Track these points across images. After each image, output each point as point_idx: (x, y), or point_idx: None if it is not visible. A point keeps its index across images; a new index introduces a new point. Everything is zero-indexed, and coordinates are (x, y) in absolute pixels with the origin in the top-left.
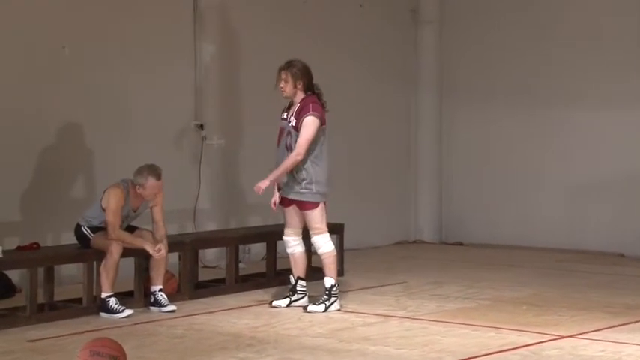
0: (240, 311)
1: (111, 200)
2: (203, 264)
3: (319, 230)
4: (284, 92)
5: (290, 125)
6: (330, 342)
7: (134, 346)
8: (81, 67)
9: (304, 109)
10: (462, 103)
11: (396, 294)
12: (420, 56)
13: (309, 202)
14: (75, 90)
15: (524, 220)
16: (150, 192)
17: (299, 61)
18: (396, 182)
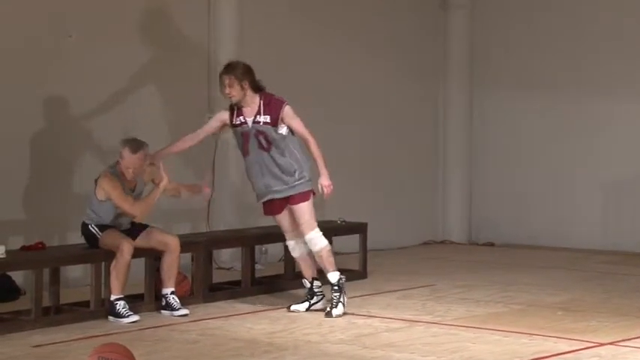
0: (256, 316)
1: (106, 188)
2: (217, 265)
3: (311, 225)
4: (232, 97)
5: (260, 124)
6: (353, 349)
7: (144, 352)
8: (88, 56)
9: (272, 102)
10: (494, 94)
11: (423, 298)
12: (449, 43)
13: (302, 192)
14: (82, 82)
15: (560, 220)
16: (127, 165)
17: (238, 62)
18: (422, 178)
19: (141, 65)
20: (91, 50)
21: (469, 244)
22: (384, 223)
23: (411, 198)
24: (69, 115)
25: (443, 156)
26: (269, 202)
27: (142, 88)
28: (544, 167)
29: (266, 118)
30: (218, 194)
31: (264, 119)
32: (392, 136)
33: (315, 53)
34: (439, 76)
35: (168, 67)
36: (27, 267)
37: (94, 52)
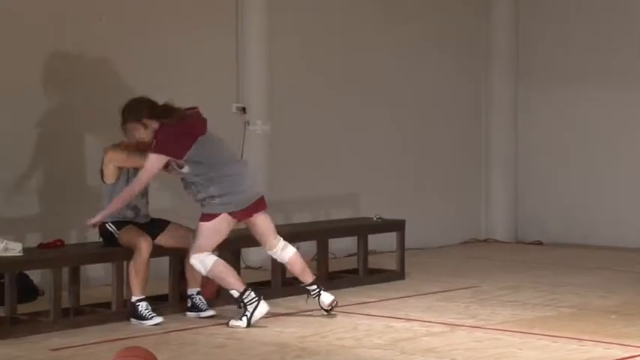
0: (286, 318)
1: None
2: (246, 265)
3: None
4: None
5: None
6: (390, 354)
7: (169, 356)
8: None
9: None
10: (541, 86)
11: (465, 300)
12: (493, 33)
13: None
14: (104, 72)
15: (612, 218)
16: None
17: (126, 105)
18: (464, 173)
19: (169, 55)
20: (120, 38)
21: (515, 242)
22: (423, 220)
23: (452, 194)
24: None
25: (486, 150)
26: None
27: (169, 79)
28: (594, 163)
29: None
30: None
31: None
32: (432, 130)
33: (353, 44)
34: (482, 65)
35: (198, 57)
36: (45, 266)
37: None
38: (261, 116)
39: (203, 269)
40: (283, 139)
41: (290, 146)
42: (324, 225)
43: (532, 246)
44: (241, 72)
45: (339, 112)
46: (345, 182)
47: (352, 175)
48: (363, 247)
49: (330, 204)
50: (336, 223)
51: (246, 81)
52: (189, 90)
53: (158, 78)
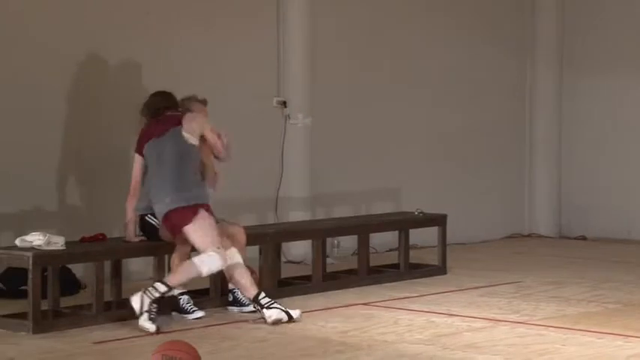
0: (328, 313)
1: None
2: (287, 259)
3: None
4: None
5: None
6: (432, 349)
7: (210, 350)
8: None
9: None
10: (586, 75)
11: (508, 295)
12: (537, 21)
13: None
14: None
15: None
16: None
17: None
18: (507, 167)
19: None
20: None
21: (558, 237)
22: (465, 214)
23: (495, 187)
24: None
25: (529, 142)
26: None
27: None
28: None
29: None
30: (287, 184)
31: None
32: (476, 123)
33: (395, 36)
34: (527, 54)
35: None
36: (87, 259)
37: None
38: (302, 110)
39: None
40: (324, 133)
41: (331, 140)
42: (365, 219)
43: (576, 241)
44: (282, 66)
45: (380, 106)
46: (387, 176)
47: (394, 169)
48: (404, 241)
49: (371, 198)
50: (378, 217)
51: (287, 75)
52: (230, 84)
53: (199, 73)
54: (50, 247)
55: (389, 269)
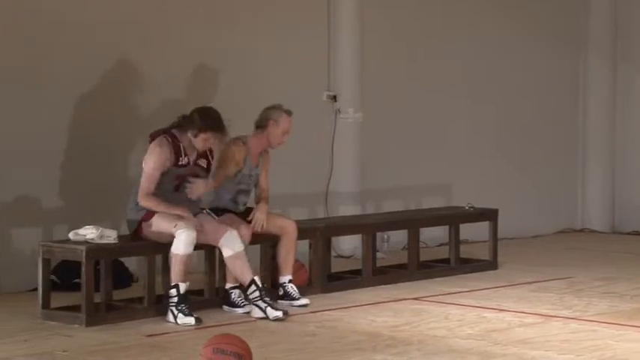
0: (378, 307)
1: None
2: (336, 253)
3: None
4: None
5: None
6: (483, 345)
7: (260, 344)
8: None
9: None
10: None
11: (560, 291)
12: (591, 16)
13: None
14: (195, 55)
15: None
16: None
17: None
18: (559, 162)
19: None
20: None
21: (611, 232)
22: (517, 209)
23: (546, 182)
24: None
25: (582, 137)
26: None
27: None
28: None
29: (204, 164)
30: (337, 178)
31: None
32: (527, 117)
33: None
34: (580, 49)
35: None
36: (139, 253)
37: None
38: (353, 104)
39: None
40: (375, 128)
41: (381, 135)
42: (415, 214)
43: (629, 236)
44: (333, 60)
45: (431, 100)
46: (437, 171)
47: (444, 163)
48: (454, 236)
49: (421, 193)
50: (428, 212)
51: (338, 69)
52: (280, 78)
53: (250, 67)
54: (103, 241)
55: (439, 264)
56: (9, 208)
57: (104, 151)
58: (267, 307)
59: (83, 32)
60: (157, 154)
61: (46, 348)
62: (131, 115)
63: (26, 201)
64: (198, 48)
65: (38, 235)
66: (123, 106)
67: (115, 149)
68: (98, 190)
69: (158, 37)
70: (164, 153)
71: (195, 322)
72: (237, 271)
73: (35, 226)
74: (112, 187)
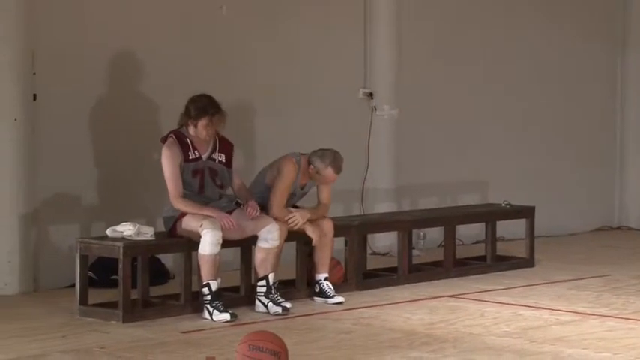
0: (414, 305)
1: (283, 175)
2: (372, 250)
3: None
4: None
5: (216, 162)
6: (519, 342)
7: (296, 341)
8: (241, 30)
9: (226, 141)
10: None
11: (597, 289)
12: (629, 10)
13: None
14: (231, 53)
15: None
16: (323, 181)
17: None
18: (597, 159)
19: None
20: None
21: None
22: (553, 206)
23: (583, 179)
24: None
25: (620, 134)
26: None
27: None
28: None
29: (223, 158)
30: (373, 175)
31: (222, 158)
32: (564, 115)
33: (482, 28)
34: (618, 44)
35: (326, 42)
36: (176, 250)
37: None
38: (389, 101)
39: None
40: (411, 125)
41: (417, 131)
42: (452, 211)
43: None
44: (369, 57)
45: (467, 97)
46: (474, 168)
47: (480, 160)
48: (491, 233)
49: (457, 190)
50: (464, 209)
51: (374, 66)
52: (317, 76)
53: (286, 65)
54: (140, 238)
55: (475, 261)
56: (47, 205)
57: (142, 148)
58: (269, 302)
59: (116, 32)
60: (168, 155)
61: (84, 344)
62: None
63: (64, 198)
64: (236, 47)
65: (76, 232)
66: (160, 104)
67: (152, 147)
68: (135, 188)
69: (194, 36)
70: (173, 152)
71: (230, 318)
72: (258, 262)
73: (73, 223)
74: (148, 184)
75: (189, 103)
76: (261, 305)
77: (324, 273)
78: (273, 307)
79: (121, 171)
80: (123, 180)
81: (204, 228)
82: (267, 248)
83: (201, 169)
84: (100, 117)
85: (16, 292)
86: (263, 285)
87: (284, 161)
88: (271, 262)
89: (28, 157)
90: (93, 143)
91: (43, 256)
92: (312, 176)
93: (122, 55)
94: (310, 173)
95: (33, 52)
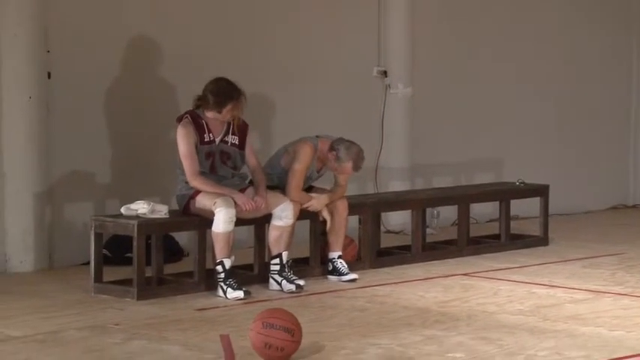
0: (427, 283)
1: (300, 159)
2: (386, 229)
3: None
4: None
5: (228, 144)
6: (533, 320)
7: (310, 319)
8: (253, 8)
9: (241, 122)
10: None
11: (612, 267)
12: None
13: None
14: (246, 33)
15: None
16: (338, 169)
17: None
18: (611, 137)
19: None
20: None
21: None
22: (568, 185)
23: (598, 158)
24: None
25: (635, 111)
26: None
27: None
28: None
29: (236, 141)
30: (387, 154)
31: (235, 141)
32: (578, 92)
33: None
34: (633, 27)
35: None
36: (190, 228)
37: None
38: (403, 80)
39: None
40: (425, 103)
41: (431, 110)
42: (466, 189)
43: None
44: (382, 35)
45: (480, 76)
46: (488, 146)
47: (495, 138)
48: (505, 212)
49: (471, 169)
50: (478, 187)
51: (388, 44)
52: (331, 54)
53: (299, 43)
54: (154, 216)
55: (489, 240)
56: (62, 183)
57: (157, 127)
58: (283, 280)
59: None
60: (184, 134)
61: (98, 321)
62: (182, 91)
63: (79, 176)
64: (251, 27)
65: (90, 210)
66: (174, 82)
67: (167, 126)
68: (149, 166)
69: (209, 16)
70: (189, 131)
71: (244, 295)
72: (272, 240)
73: (88, 201)
74: (162, 162)
75: (210, 91)
76: (274, 283)
77: (337, 251)
78: (286, 285)
79: (136, 149)
80: (137, 158)
81: (217, 206)
82: (282, 226)
83: (214, 152)
84: (115, 95)
85: (31, 270)
86: (277, 263)
87: (301, 144)
88: (285, 240)
89: (42, 136)
90: (107, 121)
91: (58, 234)
92: (329, 161)
93: (137, 33)
94: (329, 158)
95: (47, 29)
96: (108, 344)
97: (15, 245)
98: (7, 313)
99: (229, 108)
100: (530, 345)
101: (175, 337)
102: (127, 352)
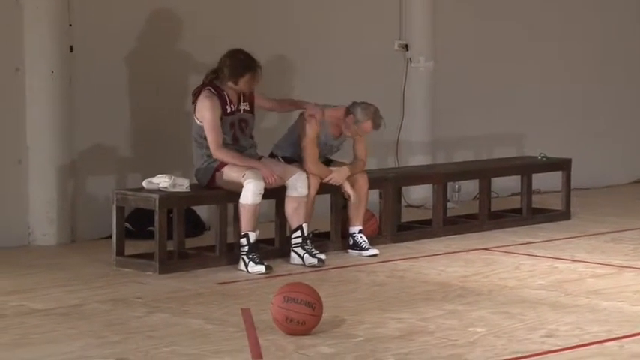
0: (448, 257)
1: (306, 130)
2: (407, 203)
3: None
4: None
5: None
6: (554, 295)
7: (330, 293)
8: None
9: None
10: None
11: (634, 241)
12: None
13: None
14: (267, 7)
15: None
16: (358, 131)
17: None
18: (634, 111)
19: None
20: None
21: None
22: (590, 159)
23: (620, 132)
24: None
25: None
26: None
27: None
28: None
29: (248, 107)
30: (408, 128)
31: (248, 107)
32: (600, 66)
33: None
34: None
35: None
36: (211, 202)
37: None
38: (424, 53)
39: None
40: (446, 77)
41: (453, 84)
42: (487, 164)
43: None
44: (404, 8)
45: (503, 49)
46: (509, 120)
47: (517, 112)
48: (527, 186)
49: (493, 142)
50: (499, 161)
51: (409, 17)
52: (353, 28)
53: (321, 18)
54: (176, 190)
55: (511, 214)
56: (84, 157)
57: (178, 101)
58: (305, 253)
59: None
60: (209, 106)
61: (120, 294)
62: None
63: (101, 150)
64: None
65: (112, 184)
66: (196, 58)
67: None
68: (171, 140)
69: None
70: (214, 103)
71: (265, 270)
72: (290, 212)
73: (110, 174)
74: (184, 136)
75: (229, 59)
76: (296, 257)
77: (358, 226)
78: (308, 258)
79: (157, 123)
80: (159, 132)
81: (246, 178)
82: (297, 197)
83: (235, 122)
84: (137, 69)
85: (54, 243)
86: (298, 236)
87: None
88: (303, 211)
89: (65, 109)
90: (129, 95)
91: (80, 208)
92: (348, 126)
93: (159, 8)
94: (347, 123)
95: (69, 3)
96: (130, 317)
97: (38, 218)
98: (31, 286)
99: (246, 79)
100: (551, 320)
101: (197, 311)
102: (148, 325)
